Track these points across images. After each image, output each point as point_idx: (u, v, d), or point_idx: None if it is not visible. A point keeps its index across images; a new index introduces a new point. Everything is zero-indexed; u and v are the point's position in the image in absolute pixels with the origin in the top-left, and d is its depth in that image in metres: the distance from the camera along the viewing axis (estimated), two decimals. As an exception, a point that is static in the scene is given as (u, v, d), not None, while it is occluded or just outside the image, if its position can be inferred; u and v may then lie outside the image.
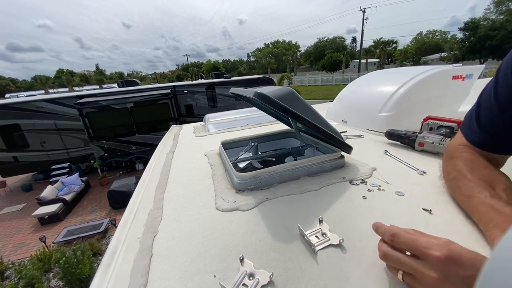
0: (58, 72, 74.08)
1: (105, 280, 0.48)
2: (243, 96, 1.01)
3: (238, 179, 0.76)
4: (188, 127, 1.88)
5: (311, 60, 64.59)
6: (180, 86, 9.53)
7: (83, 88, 31.11)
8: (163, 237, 0.59)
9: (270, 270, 0.45)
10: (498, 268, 0.21)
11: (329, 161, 0.85)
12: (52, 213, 6.00)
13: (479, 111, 0.57)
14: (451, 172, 0.62)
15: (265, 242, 0.53)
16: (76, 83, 51.03)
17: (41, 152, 8.36)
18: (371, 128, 1.29)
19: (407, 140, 1.00)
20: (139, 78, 64.12)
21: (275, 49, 70.13)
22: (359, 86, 1.64)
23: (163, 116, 8.93)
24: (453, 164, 0.61)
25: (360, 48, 39.04)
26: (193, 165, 1.05)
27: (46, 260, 4.28)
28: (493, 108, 0.53)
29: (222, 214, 0.66)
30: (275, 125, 1.62)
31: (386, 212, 0.60)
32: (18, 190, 8.46)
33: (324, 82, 33.69)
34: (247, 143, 1.13)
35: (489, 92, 0.55)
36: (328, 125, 0.79)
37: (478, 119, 0.57)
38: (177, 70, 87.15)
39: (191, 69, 58.86)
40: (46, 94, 12.57)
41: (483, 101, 0.56)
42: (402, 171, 0.81)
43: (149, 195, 0.81)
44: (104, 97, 8.32)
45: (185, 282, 0.45)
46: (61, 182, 7.13)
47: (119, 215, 5.89)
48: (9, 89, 50.45)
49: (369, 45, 56.77)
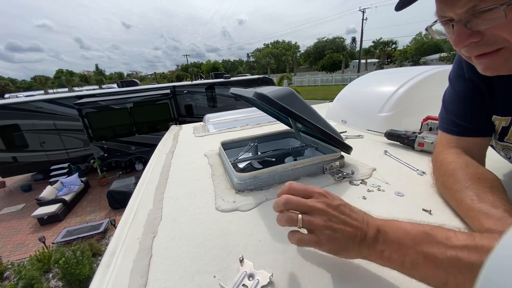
0: (58, 72, 74.01)
1: (105, 280, 0.48)
2: (243, 96, 1.01)
3: (238, 179, 0.76)
4: (187, 127, 1.88)
5: (310, 60, 64.71)
6: (180, 86, 9.53)
7: (83, 88, 31.09)
8: (163, 237, 0.59)
9: (270, 270, 0.45)
10: (498, 268, 0.21)
11: (329, 161, 0.85)
12: (51, 213, 6.00)
13: (446, 106, 0.68)
14: (438, 177, 0.64)
15: (265, 243, 0.53)
16: (76, 83, 50.96)
17: (41, 152, 8.35)
18: (370, 128, 1.29)
19: (407, 140, 1.00)
20: (138, 78, 64.03)
21: (274, 49, 70.20)
22: (359, 86, 1.64)
23: (162, 116, 8.92)
24: (438, 169, 0.64)
25: (359, 48, 39.13)
26: (193, 165, 1.05)
27: (45, 261, 4.27)
28: (456, 99, 0.64)
29: (222, 214, 0.66)
30: (275, 125, 1.62)
31: (386, 213, 0.60)
32: (17, 190, 8.45)
33: (323, 82, 33.72)
34: (247, 143, 1.13)
35: (449, 88, 0.68)
36: (328, 125, 0.79)
37: (449, 111, 0.66)
38: (177, 70, 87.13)
39: (190, 69, 58.91)
40: (45, 94, 12.56)
41: (447, 97, 0.68)
42: (402, 171, 0.82)
43: (149, 195, 0.81)
44: (103, 97, 8.31)
45: (185, 282, 0.45)
46: (60, 183, 7.12)
47: (119, 216, 5.88)
48: (8, 89, 50.37)
49: (369, 45, 56.96)
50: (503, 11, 0.36)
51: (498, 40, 0.40)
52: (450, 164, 0.60)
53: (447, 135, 0.66)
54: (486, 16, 0.38)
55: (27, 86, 70.99)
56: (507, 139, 0.58)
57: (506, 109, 0.56)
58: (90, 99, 8.12)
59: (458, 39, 0.42)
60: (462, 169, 0.56)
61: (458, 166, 0.58)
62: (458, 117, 0.63)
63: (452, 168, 0.58)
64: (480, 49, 0.42)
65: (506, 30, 0.38)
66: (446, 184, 0.59)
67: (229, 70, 75.13)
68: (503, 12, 0.36)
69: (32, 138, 8.14)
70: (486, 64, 0.44)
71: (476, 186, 0.52)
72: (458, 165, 0.58)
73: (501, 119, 0.57)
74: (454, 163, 0.59)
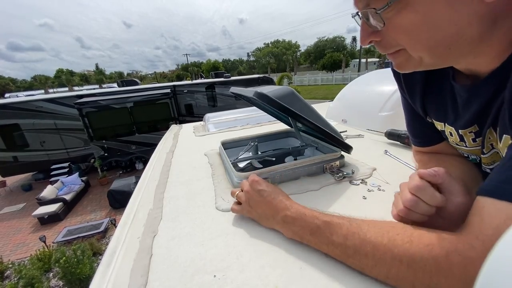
0: (58, 71, 74.07)
1: (105, 280, 0.48)
2: (243, 96, 1.01)
3: (238, 179, 0.76)
4: (188, 127, 1.88)
5: (311, 60, 64.64)
6: (180, 86, 9.52)
7: (83, 87, 31.09)
8: (163, 237, 0.59)
9: (270, 270, 0.45)
10: (498, 268, 0.21)
11: (329, 161, 0.84)
12: (52, 213, 6.00)
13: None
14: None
15: (265, 242, 0.53)
16: (76, 83, 51.02)
17: (41, 151, 8.35)
18: (371, 127, 1.28)
19: (407, 140, 1.00)
20: (139, 77, 64.12)
21: (275, 49, 70.13)
22: (359, 85, 1.64)
23: (163, 115, 8.91)
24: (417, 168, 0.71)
25: (360, 47, 39.04)
26: (193, 164, 1.05)
27: (46, 260, 4.28)
28: (404, 111, 0.67)
29: (222, 214, 0.66)
30: (275, 125, 1.62)
31: (386, 213, 0.60)
32: (18, 190, 8.46)
33: (324, 82, 33.63)
34: (247, 143, 1.13)
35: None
36: (328, 125, 0.79)
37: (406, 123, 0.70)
38: (177, 69, 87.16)
39: (191, 68, 58.91)
40: (45, 94, 12.56)
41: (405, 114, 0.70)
42: (402, 171, 0.81)
43: (149, 194, 0.81)
44: (104, 97, 8.30)
45: (185, 282, 0.45)
46: (61, 182, 7.12)
47: (119, 215, 5.89)
48: (8, 89, 50.44)
49: (369, 45, 56.72)
50: (380, 16, 0.36)
51: (394, 43, 0.40)
52: (420, 162, 0.68)
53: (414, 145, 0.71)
54: (375, 17, 0.37)
55: (27, 85, 70.98)
56: (451, 142, 0.57)
57: (437, 115, 0.55)
58: (90, 98, 8.10)
59: (361, 35, 0.42)
60: (426, 163, 0.63)
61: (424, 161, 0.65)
62: (409, 132, 0.69)
63: (422, 164, 0.66)
64: (381, 49, 0.42)
65: (396, 33, 0.38)
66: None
67: (229, 69, 75.13)
68: (379, 17, 0.36)
69: (32, 137, 8.14)
70: (394, 62, 0.44)
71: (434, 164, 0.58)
72: (425, 161, 0.65)
73: (437, 123, 0.57)
74: (421, 161, 0.67)
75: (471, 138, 0.49)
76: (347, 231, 0.43)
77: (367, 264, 0.40)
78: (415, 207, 0.42)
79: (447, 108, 0.51)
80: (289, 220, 0.51)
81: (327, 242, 0.45)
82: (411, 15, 0.34)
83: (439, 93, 0.52)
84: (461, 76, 0.46)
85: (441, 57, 0.39)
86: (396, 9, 0.35)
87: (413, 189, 0.42)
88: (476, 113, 0.44)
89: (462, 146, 0.53)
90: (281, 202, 0.55)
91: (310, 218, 0.48)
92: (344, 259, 0.43)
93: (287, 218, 0.51)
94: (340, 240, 0.43)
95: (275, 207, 0.55)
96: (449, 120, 0.52)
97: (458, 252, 0.32)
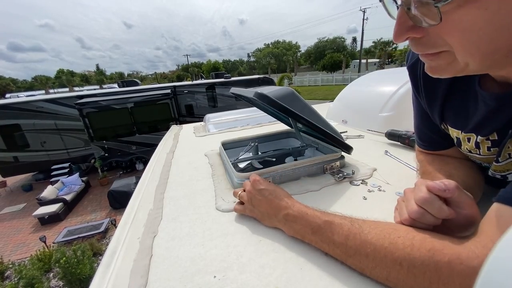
0: (59, 72, 74.18)
1: (105, 280, 0.48)
2: (243, 96, 1.01)
3: (238, 179, 0.76)
4: (188, 127, 1.88)
5: (311, 60, 64.69)
6: (180, 86, 9.53)
7: (83, 88, 31.14)
8: (163, 237, 0.59)
9: (270, 270, 0.45)
10: (498, 268, 0.21)
11: (329, 161, 0.84)
12: (52, 213, 6.00)
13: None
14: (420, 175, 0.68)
15: (265, 242, 0.53)
16: (77, 83, 51.11)
17: (42, 152, 8.35)
18: (371, 128, 1.28)
19: (408, 140, 1.00)
20: (139, 78, 64.15)
21: (275, 49, 70.20)
22: (360, 86, 1.64)
23: (163, 116, 8.92)
24: (419, 167, 0.69)
25: (360, 48, 39.09)
26: (193, 165, 1.05)
27: (46, 260, 4.28)
28: (415, 113, 0.65)
29: (222, 214, 0.66)
30: (275, 125, 1.62)
31: (386, 213, 0.60)
32: (18, 190, 8.47)
33: (324, 82, 33.65)
34: (247, 143, 1.13)
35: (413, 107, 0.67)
36: (328, 125, 0.79)
37: (414, 125, 0.68)
38: (178, 70, 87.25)
39: (191, 69, 58.97)
40: (46, 94, 12.57)
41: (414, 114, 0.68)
42: (403, 172, 0.81)
43: (149, 195, 0.81)
44: (104, 97, 8.31)
45: (185, 282, 0.45)
46: (61, 182, 7.12)
47: (119, 215, 5.89)
48: (9, 89, 50.54)
49: (370, 45, 56.87)
50: (438, 9, 0.28)
51: (440, 42, 0.32)
52: (423, 163, 0.66)
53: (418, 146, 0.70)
54: (423, 11, 0.30)
55: (28, 86, 71.13)
56: (463, 149, 0.55)
57: (455, 122, 0.52)
58: (90, 99, 8.12)
59: (397, 29, 0.34)
60: (430, 166, 0.62)
61: (429, 161, 0.64)
62: (416, 134, 0.68)
63: (425, 165, 0.65)
64: (419, 48, 0.35)
65: (450, 32, 0.31)
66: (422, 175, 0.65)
67: (229, 70, 75.16)
68: (435, 10, 0.28)
69: (33, 138, 8.15)
70: (429, 64, 0.38)
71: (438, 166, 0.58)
72: (429, 162, 0.63)
73: (452, 130, 0.54)
74: (424, 161, 0.66)
75: (487, 146, 0.47)
76: (349, 231, 0.43)
77: (367, 265, 0.40)
78: (420, 219, 0.41)
79: (468, 115, 0.48)
80: (290, 219, 0.51)
81: (328, 241, 0.45)
82: (477, 12, 0.27)
83: (462, 100, 0.49)
84: (488, 83, 0.42)
85: (492, 64, 0.33)
86: (457, 2, 0.27)
87: (419, 201, 0.41)
88: (504, 122, 0.41)
89: (475, 154, 0.51)
90: (283, 201, 0.55)
91: (312, 217, 0.49)
92: (345, 259, 0.43)
93: (289, 217, 0.52)
94: (341, 240, 0.43)
95: (277, 205, 0.55)
96: (467, 128, 0.49)
97: (461, 261, 0.31)
